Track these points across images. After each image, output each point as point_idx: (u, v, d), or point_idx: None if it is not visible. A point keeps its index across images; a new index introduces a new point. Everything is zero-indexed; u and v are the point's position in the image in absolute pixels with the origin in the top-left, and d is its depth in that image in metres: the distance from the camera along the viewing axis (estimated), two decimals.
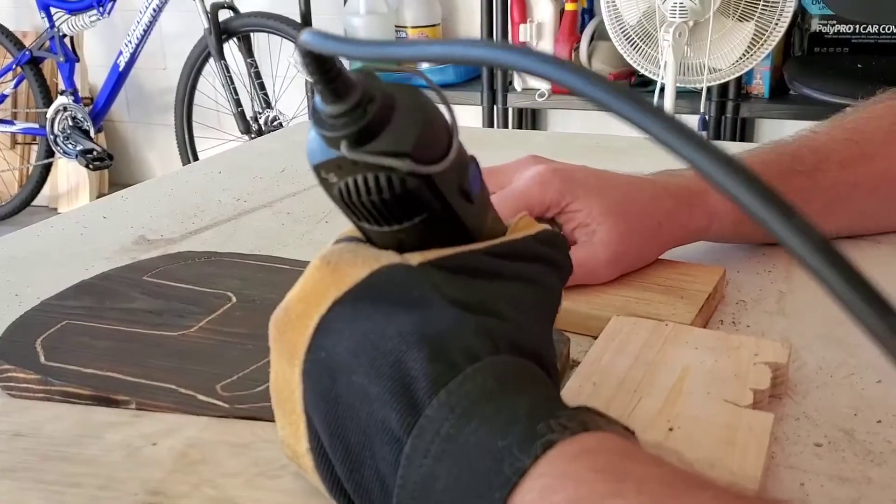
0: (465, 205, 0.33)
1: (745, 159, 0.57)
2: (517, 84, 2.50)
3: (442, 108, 0.31)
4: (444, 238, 0.33)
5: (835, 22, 2.29)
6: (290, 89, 2.88)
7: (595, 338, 0.47)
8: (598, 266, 0.53)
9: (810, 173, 0.58)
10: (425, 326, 0.30)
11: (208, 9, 2.63)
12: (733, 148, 0.62)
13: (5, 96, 3.17)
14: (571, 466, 0.26)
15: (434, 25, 2.68)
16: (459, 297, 0.32)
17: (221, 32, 2.66)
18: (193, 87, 2.88)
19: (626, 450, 0.27)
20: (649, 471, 0.26)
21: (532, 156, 0.56)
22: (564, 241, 0.38)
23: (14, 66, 3.07)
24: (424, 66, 2.65)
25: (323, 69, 0.28)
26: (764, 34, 1.88)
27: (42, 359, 0.47)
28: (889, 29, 2.26)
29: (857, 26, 2.28)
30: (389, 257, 0.33)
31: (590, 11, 2.46)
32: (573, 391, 0.41)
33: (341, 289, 0.32)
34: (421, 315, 0.31)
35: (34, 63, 3.06)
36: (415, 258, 0.32)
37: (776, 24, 1.86)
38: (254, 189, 0.82)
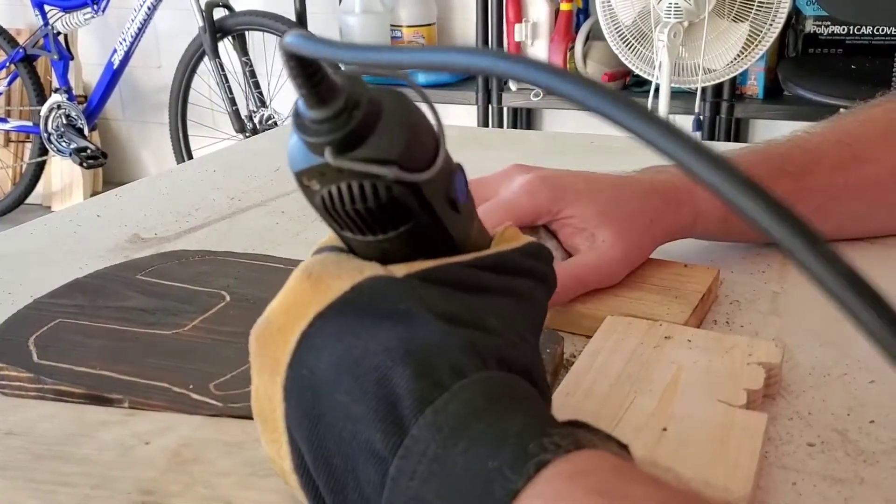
0: (452, 214, 0.32)
1: (735, 159, 0.57)
2: (512, 84, 2.50)
3: (428, 113, 0.30)
4: (430, 248, 0.32)
5: (829, 23, 2.30)
6: (285, 88, 2.88)
7: (589, 337, 0.47)
8: (612, 267, 0.53)
9: (800, 174, 0.58)
10: (411, 341, 0.29)
11: (203, 7, 2.63)
12: (726, 148, 0.62)
13: None
14: (566, 487, 0.25)
15: (429, 25, 2.68)
16: (446, 311, 0.30)
17: (216, 31, 2.66)
18: (188, 86, 2.87)
19: (623, 469, 0.26)
20: (648, 492, 0.25)
21: (516, 165, 0.55)
22: (549, 254, 0.37)
23: (7, 64, 3.06)
24: None
25: (307, 73, 0.27)
26: (758, 35, 1.88)
27: (35, 357, 0.47)
28: (883, 30, 2.26)
29: (852, 27, 2.29)
30: (373, 269, 0.31)
31: (585, 11, 2.47)
32: (567, 391, 0.41)
33: (323, 302, 0.31)
34: (406, 329, 0.29)
35: (28, 61, 3.05)
36: (400, 270, 0.31)
37: (771, 24, 1.86)
38: (248, 188, 0.82)
